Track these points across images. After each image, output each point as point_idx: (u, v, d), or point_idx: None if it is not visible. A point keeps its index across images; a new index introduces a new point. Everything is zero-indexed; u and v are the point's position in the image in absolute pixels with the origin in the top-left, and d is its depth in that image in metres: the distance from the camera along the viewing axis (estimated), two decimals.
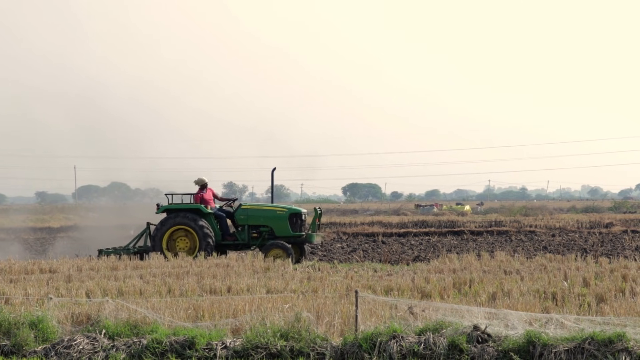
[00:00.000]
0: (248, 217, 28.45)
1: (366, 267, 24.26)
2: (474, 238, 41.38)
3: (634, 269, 20.96)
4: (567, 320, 12.99)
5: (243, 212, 28.58)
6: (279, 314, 13.76)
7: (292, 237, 28.08)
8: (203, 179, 28.87)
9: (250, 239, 28.36)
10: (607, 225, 48.15)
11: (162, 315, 14.21)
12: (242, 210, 28.62)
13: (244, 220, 28.47)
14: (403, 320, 13.48)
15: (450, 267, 22.63)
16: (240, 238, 28.43)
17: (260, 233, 28.32)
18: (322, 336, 13.13)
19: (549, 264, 23.21)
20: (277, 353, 12.86)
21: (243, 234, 28.42)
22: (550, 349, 12.18)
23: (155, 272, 22.27)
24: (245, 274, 21.81)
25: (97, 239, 44.72)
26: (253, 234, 28.39)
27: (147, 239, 29.16)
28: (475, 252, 28.93)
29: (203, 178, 28.88)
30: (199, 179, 28.88)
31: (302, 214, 28.68)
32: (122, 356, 13.06)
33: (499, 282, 18.71)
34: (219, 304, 15.30)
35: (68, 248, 39.35)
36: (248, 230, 28.38)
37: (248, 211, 28.59)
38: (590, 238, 38.67)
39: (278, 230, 28.14)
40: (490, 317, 13.39)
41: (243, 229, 28.51)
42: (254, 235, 28.38)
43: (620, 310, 14.43)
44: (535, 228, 46.18)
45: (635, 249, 30.98)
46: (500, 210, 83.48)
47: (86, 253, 33.17)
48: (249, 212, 28.55)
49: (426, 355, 12.51)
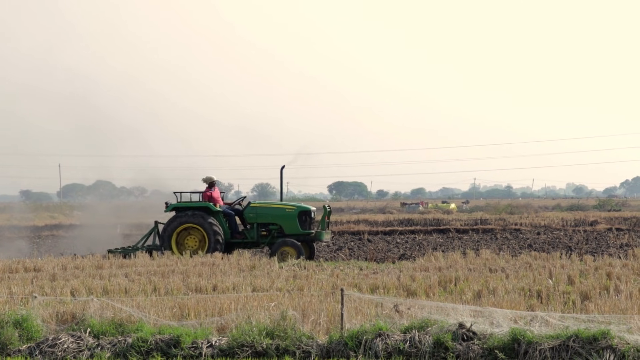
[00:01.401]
0: (257, 215, 28.34)
1: (352, 266, 24.27)
2: (460, 236, 41.44)
3: (619, 267, 21.05)
4: (551, 318, 13.03)
5: (252, 210, 28.46)
6: (265, 313, 13.75)
7: (302, 235, 27.99)
8: (212, 177, 28.71)
9: (259, 237, 28.25)
10: (591, 223, 48.29)
11: (148, 314, 14.18)
12: (251, 208, 28.49)
13: (253, 218, 28.36)
14: (389, 318, 13.49)
15: (435, 265, 22.66)
16: (249, 236, 28.32)
17: (270, 231, 28.21)
18: (308, 334, 13.13)
19: (534, 262, 23.27)
20: (263, 351, 12.85)
21: (252, 232, 28.31)
22: (535, 346, 12.21)
23: (140, 271, 22.23)
24: (231, 272, 21.79)
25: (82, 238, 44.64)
26: (262, 232, 28.28)
27: (155, 237, 29.06)
28: (461, 250, 28.99)
29: (212, 176, 28.72)
30: (208, 177, 28.71)
31: (311, 212, 28.59)
32: (107, 355, 13.03)
33: (484, 280, 18.75)
34: (205, 303, 15.27)
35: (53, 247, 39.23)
36: (257, 229, 28.26)
37: (257, 209, 28.47)
38: (575, 236, 38.79)
39: (287, 228, 28.05)
40: (475, 315, 13.41)
41: (252, 227, 28.41)
42: (263, 234, 28.27)
43: (604, 307, 14.48)
44: (521, 226, 46.28)
45: (619, 247, 31.10)
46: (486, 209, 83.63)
47: (71, 251, 33.09)
48: (258, 210, 28.43)
49: (412, 353, 12.52)
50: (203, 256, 26.44)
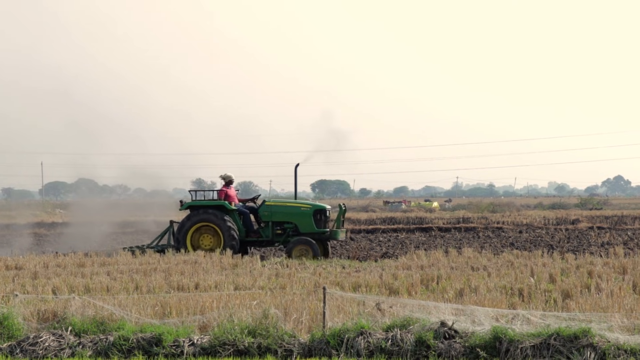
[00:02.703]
0: (272, 214, 28.20)
1: (334, 264, 24.27)
2: (442, 234, 41.52)
3: (600, 265, 21.14)
4: (533, 316, 13.08)
5: (267, 208, 28.32)
6: (247, 311, 13.74)
7: (317, 233, 27.90)
8: (230, 175, 28.61)
9: (274, 235, 28.15)
10: (573, 221, 48.47)
11: (129, 312, 14.15)
12: (266, 207, 28.35)
13: (267, 216, 28.22)
14: (371, 316, 13.51)
15: (418, 264, 22.69)
16: (264, 234, 28.19)
17: (284, 229, 28.09)
18: (290, 333, 13.13)
19: (516, 260, 23.35)
20: (245, 350, 12.84)
21: (267, 231, 28.17)
22: (516, 344, 12.25)
23: (122, 269, 22.17)
24: (213, 270, 21.76)
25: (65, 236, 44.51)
26: (277, 231, 28.16)
27: (170, 236, 28.95)
28: (443, 249, 29.04)
29: (230, 174, 28.63)
30: (226, 175, 28.60)
31: (326, 210, 28.53)
32: (88, 353, 12.99)
33: (467, 278, 18.80)
34: (187, 301, 15.25)
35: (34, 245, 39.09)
36: (272, 227, 28.13)
37: (272, 207, 28.34)
38: (557, 234, 38.92)
39: (302, 226, 27.94)
40: (457, 313, 13.45)
41: (267, 225, 28.25)
42: (277, 232, 28.15)
43: (585, 306, 14.54)
44: (503, 224, 46.42)
45: (600, 245, 31.23)
46: (468, 207, 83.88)
47: (53, 249, 32.97)
48: (273, 209, 28.30)
49: (393, 352, 12.54)
50: (185, 254, 26.40)
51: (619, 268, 20.68)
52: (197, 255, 25.45)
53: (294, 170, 29.11)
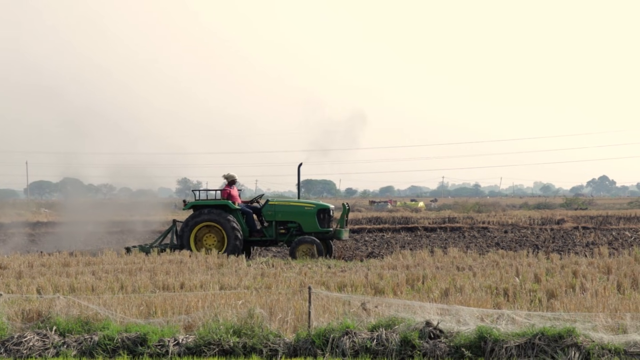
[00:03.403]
0: (275, 213, 28.15)
1: (320, 264, 24.27)
2: (428, 234, 41.56)
3: (584, 265, 21.21)
4: (518, 316, 13.11)
5: (270, 207, 28.27)
6: (232, 311, 13.73)
7: (320, 232, 27.89)
8: (232, 174, 28.55)
9: (277, 235, 28.10)
10: (558, 221, 48.58)
11: (114, 312, 14.12)
12: (270, 206, 28.31)
13: (271, 216, 28.17)
14: (356, 316, 13.51)
15: (403, 264, 22.72)
16: (267, 234, 28.14)
17: (288, 229, 28.06)
18: (275, 332, 13.13)
19: (501, 260, 23.40)
20: (230, 349, 12.83)
21: (270, 230, 28.13)
22: (501, 344, 12.28)
23: (107, 269, 22.13)
24: (199, 270, 21.73)
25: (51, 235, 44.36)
26: (280, 230, 28.13)
27: (172, 236, 28.86)
28: (429, 249, 29.08)
29: (232, 174, 28.56)
30: (228, 175, 28.54)
31: (330, 210, 28.52)
32: (72, 353, 12.96)
33: (452, 278, 18.83)
34: (172, 301, 15.23)
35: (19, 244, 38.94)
36: (275, 226, 28.09)
37: (275, 207, 28.29)
38: (542, 234, 39.01)
39: (306, 226, 27.92)
40: (442, 313, 13.47)
41: (270, 224, 28.23)
42: (281, 231, 28.12)
43: (570, 305, 14.59)
44: (488, 224, 46.47)
45: (585, 245, 31.32)
46: (454, 207, 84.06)
47: (37, 249, 32.87)
48: (277, 208, 28.26)
49: (379, 351, 12.55)
50: (171, 254, 26.35)
51: (603, 268, 20.75)
52: (182, 254, 25.42)
53: (297, 169, 29.12)
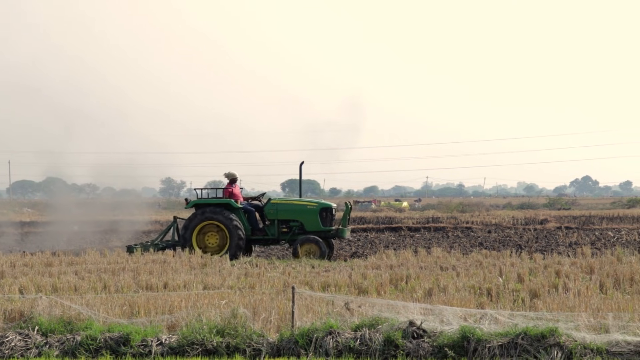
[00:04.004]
0: (277, 212, 28.06)
1: (304, 263, 24.25)
2: (412, 234, 41.60)
3: (567, 265, 21.28)
4: (501, 316, 13.14)
5: (272, 206, 28.19)
6: (216, 310, 13.71)
7: (323, 231, 27.81)
8: (233, 173, 28.47)
9: (279, 233, 28.02)
10: (541, 221, 48.73)
11: (97, 312, 14.08)
12: (272, 205, 28.24)
13: (273, 214, 28.07)
14: (340, 316, 13.52)
15: (387, 263, 22.74)
16: (269, 233, 28.03)
17: (290, 228, 27.99)
18: (259, 332, 13.12)
19: (485, 260, 23.45)
20: (213, 349, 12.81)
21: (272, 229, 28.03)
22: (484, 344, 12.31)
23: (90, 268, 22.06)
24: (182, 270, 21.69)
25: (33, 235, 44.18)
26: (283, 229, 28.04)
27: (174, 233, 28.79)
28: (413, 249, 29.11)
29: (234, 172, 28.49)
30: (230, 173, 28.45)
31: (332, 209, 28.40)
32: (55, 353, 12.91)
33: (435, 278, 18.85)
34: (155, 300, 15.19)
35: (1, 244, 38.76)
36: (278, 225, 28.00)
37: (278, 205, 28.23)
38: (525, 234, 39.12)
39: (308, 224, 27.85)
40: (425, 313, 13.49)
41: (272, 223, 28.13)
42: (283, 230, 28.04)
43: (553, 305, 14.63)
44: (472, 224, 46.57)
45: (568, 245, 31.42)
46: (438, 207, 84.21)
47: (20, 249, 32.73)
48: (279, 207, 28.19)
49: (362, 351, 12.56)
50: (154, 253, 26.29)
51: (586, 268, 20.83)
52: (166, 254, 25.36)
53: (299, 168, 29.05)
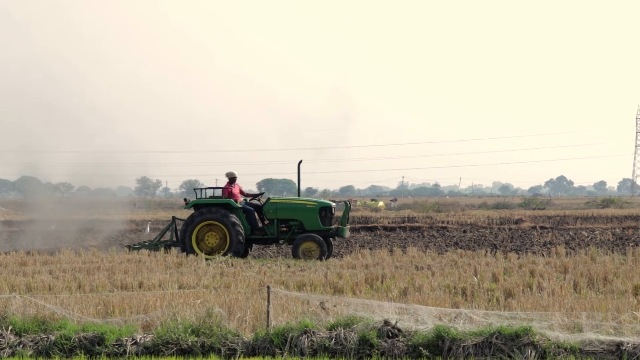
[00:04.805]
0: (277, 211, 27.96)
1: (279, 263, 24.27)
2: (387, 234, 41.68)
3: (542, 265, 21.40)
4: (475, 315, 13.20)
5: (272, 205, 28.10)
6: (191, 310, 13.69)
7: (322, 230, 27.75)
8: (232, 172, 28.41)
9: (279, 233, 27.93)
10: (516, 221, 48.95)
11: (71, 311, 14.02)
12: (271, 204, 28.14)
13: (272, 214, 27.98)
14: (315, 315, 13.52)
15: (363, 263, 22.79)
16: (269, 232, 27.94)
17: (290, 227, 27.93)
18: (234, 332, 13.11)
19: (460, 259, 23.55)
20: (188, 349, 12.79)
21: (272, 228, 27.94)
22: (458, 343, 12.36)
23: (65, 268, 21.97)
24: (158, 269, 21.65)
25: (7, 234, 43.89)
26: (282, 228, 27.97)
27: (172, 233, 28.65)
28: (388, 248, 29.19)
29: (232, 171, 28.43)
30: (229, 172, 28.42)
31: (332, 208, 28.43)
32: (29, 352, 12.84)
33: (411, 277, 18.91)
34: (130, 300, 15.16)
35: None
36: (277, 224, 27.92)
37: (277, 205, 28.13)
38: (500, 234, 39.28)
39: (308, 224, 27.79)
40: (401, 312, 13.53)
41: (272, 222, 28.04)
42: (282, 230, 27.97)
43: (527, 304, 14.71)
44: (447, 224, 46.70)
45: (543, 245, 31.59)
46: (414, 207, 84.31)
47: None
48: (278, 206, 28.09)
49: (337, 350, 12.57)
50: (129, 253, 26.22)
51: (560, 267, 20.96)
52: (141, 254, 25.30)
53: (297, 167, 29.02)
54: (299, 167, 28.95)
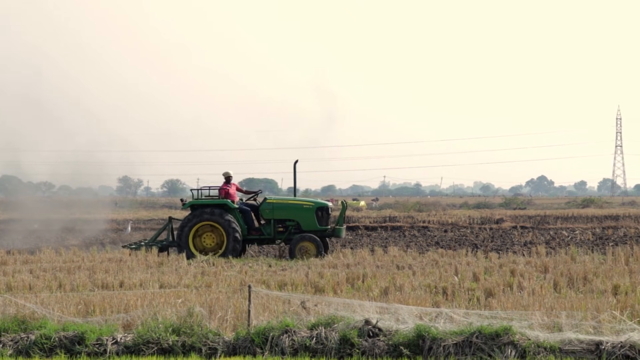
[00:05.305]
0: (274, 211, 27.87)
1: (261, 262, 24.26)
2: (369, 233, 41.71)
3: (522, 264, 21.49)
4: (456, 315, 13.25)
5: (268, 205, 28.01)
6: (172, 309, 13.69)
7: (319, 230, 27.72)
8: (228, 171, 28.36)
9: (275, 233, 27.85)
10: (497, 221, 49.07)
11: (52, 311, 13.98)
12: (268, 204, 28.06)
13: (269, 214, 27.89)
14: (296, 315, 13.54)
15: (344, 262, 22.82)
16: (265, 232, 27.87)
17: (286, 227, 27.85)
18: (215, 331, 13.11)
19: (441, 259, 23.61)
20: (169, 348, 12.78)
21: (268, 228, 27.86)
22: (439, 342, 12.40)
23: (45, 267, 21.90)
24: (139, 268, 21.61)
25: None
26: (279, 228, 27.88)
27: (169, 233, 28.56)
28: (369, 248, 29.23)
29: (228, 171, 28.37)
30: (226, 172, 28.35)
31: (328, 208, 28.36)
32: (8, 352, 12.80)
33: (392, 277, 18.95)
34: (111, 299, 15.13)
35: None
36: (274, 225, 27.83)
37: (274, 205, 28.04)
38: (481, 234, 39.38)
39: (305, 224, 27.73)
40: (381, 312, 13.56)
41: (268, 223, 27.98)
42: (279, 230, 27.88)
43: (507, 304, 14.77)
44: (429, 224, 46.77)
45: (523, 244, 31.69)
46: (395, 206, 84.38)
47: None
48: (275, 206, 28.00)
49: (318, 350, 12.59)
50: (110, 252, 26.15)
51: (540, 267, 21.05)
52: (122, 253, 25.24)
53: (293, 166, 28.95)
54: (295, 167, 28.93)
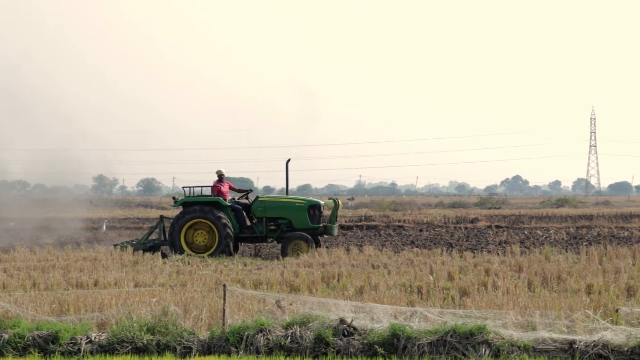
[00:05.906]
0: (265, 209, 27.86)
1: (236, 261, 24.25)
2: (344, 233, 41.74)
3: (497, 264, 21.59)
4: (431, 314, 13.30)
5: (260, 204, 28.00)
6: (146, 308, 13.67)
7: (311, 229, 27.74)
8: (220, 169, 28.35)
9: (267, 231, 27.82)
10: (472, 220, 49.25)
11: (25, 310, 13.92)
12: (260, 202, 28.04)
13: (261, 212, 27.87)
14: (271, 314, 13.56)
15: (319, 262, 22.84)
16: (257, 230, 27.83)
17: (278, 225, 27.82)
18: (189, 330, 13.10)
19: (416, 258, 23.68)
20: (144, 347, 12.76)
21: (260, 226, 27.82)
22: (413, 341, 12.44)
23: (20, 266, 21.80)
24: (114, 267, 21.55)
25: None
26: (271, 227, 27.84)
27: (160, 232, 28.45)
28: (345, 247, 29.27)
29: (221, 169, 28.37)
30: (218, 170, 28.35)
31: (320, 206, 28.43)
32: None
33: (367, 276, 19.00)
34: (85, 298, 15.08)
35: None
36: (265, 223, 27.80)
37: (266, 203, 28.04)
38: (456, 233, 39.52)
39: (297, 222, 27.75)
40: (356, 311, 13.59)
41: (260, 221, 27.94)
42: (271, 228, 27.84)
43: (481, 303, 14.85)
44: (404, 223, 46.88)
45: (498, 244, 31.83)
46: (371, 205, 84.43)
47: None
48: (267, 204, 28.00)
49: (293, 349, 12.61)
50: (85, 251, 26.05)
51: (515, 266, 21.15)
52: (97, 252, 25.16)
53: (286, 165, 28.90)
54: (287, 166, 28.91)
